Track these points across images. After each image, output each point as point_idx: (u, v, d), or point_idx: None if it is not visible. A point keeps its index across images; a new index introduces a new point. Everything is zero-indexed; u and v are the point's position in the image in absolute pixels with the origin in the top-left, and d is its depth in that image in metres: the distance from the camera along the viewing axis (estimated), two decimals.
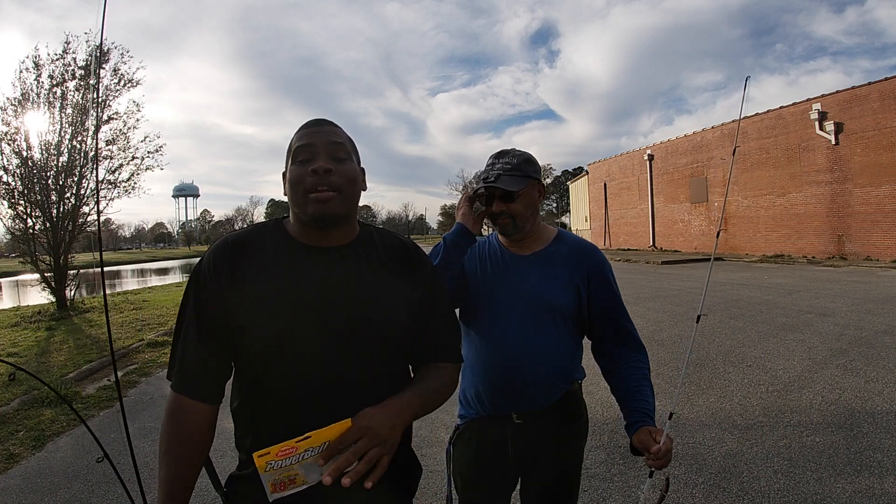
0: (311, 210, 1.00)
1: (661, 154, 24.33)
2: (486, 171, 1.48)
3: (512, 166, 1.45)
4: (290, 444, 0.89)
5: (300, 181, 1.00)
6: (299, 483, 0.91)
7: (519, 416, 1.45)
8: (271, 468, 0.89)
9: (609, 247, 28.52)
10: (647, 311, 8.19)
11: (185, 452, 0.99)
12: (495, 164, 1.47)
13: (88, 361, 6.31)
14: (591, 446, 3.32)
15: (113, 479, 3.28)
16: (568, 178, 63.69)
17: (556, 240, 1.54)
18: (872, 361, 4.97)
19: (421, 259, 1.17)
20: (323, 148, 1.02)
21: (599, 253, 1.54)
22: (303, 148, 1.02)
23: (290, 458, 0.89)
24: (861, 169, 15.30)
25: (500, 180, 1.43)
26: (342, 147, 1.04)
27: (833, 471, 2.93)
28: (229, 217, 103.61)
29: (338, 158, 1.03)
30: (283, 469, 0.89)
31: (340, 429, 0.91)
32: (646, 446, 1.29)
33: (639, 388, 1.42)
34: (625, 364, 1.48)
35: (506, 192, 1.44)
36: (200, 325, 1.00)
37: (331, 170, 1.00)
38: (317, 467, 0.91)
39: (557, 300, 1.45)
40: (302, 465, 0.90)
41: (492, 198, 1.46)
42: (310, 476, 0.91)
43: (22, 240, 10.95)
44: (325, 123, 1.07)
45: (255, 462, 0.88)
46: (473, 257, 1.56)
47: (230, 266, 1.01)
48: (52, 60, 10.73)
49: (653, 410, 1.39)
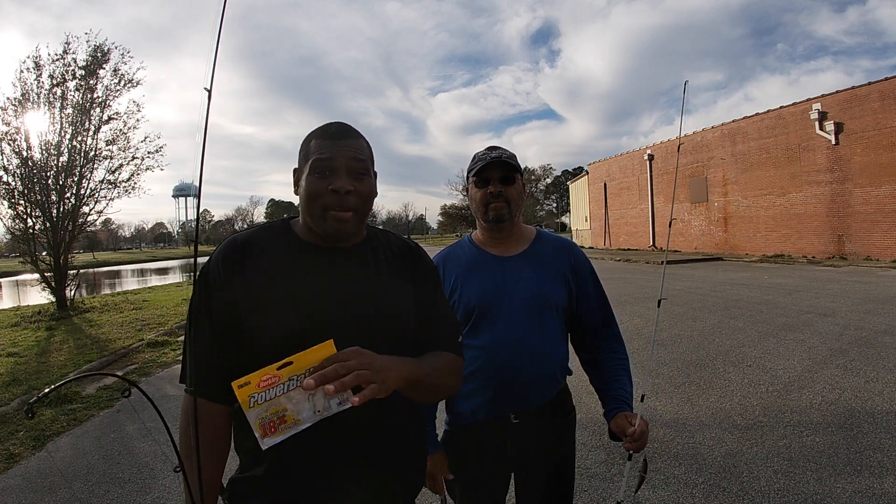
0: (327, 228, 1.01)
1: (661, 154, 24.34)
2: (482, 157, 1.49)
3: (507, 155, 1.49)
4: (270, 370, 0.82)
5: (319, 196, 1.00)
6: (290, 422, 0.83)
7: (517, 415, 1.46)
8: (255, 402, 0.82)
9: (609, 247, 28.52)
10: (647, 311, 8.19)
11: (208, 455, 0.98)
12: (490, 153, 1.49)
13: (88, 361, 6.32)
14: (591, 446, 3.33)
15: (113, 479, 3.29)
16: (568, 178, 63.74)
17: (537, 239, 1.57)
18: (872, 361, 4.97)
19: (422, 258, 1.18)
20: (344, 165, 1.01)
21: (578, 247, 1.61)
22: (324, 161, 1.00)
23: (274, 388, 0.82)
24: (861, 169, 15.30)
25: (505, 155, 1.47)
26: (363, 164, 1.03)
27: (833, 471, 2.93)
28: (229, 217, 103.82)
29: (358, 176, 1.02)
30: (269, 404, 0.82)
31: (325, 351, 0.84)
32: (622, 430, 1.35)
33: (617, 377, 1.48)
34: (606, 355, 1.53)
35: (506, 174, 1.47)
36: (212, 327, 1.00)
37: (351, 191, 1.00)
38: (307, 402, 0.83)
39: (554, 297, 1.48)
40: (289, 398, 0.83)
41: (488, 181, 1.48)
42: (301, 413, 0.83)
43: (22, 240, 10.96)
44: (348, 136, 1.04)
45: (237, 396, 0.81)
46: (460, 269, 1.53)
47: (239, 266, 1.01)
48: (52, 60, 10.75)
49: (630, 398, 1.44)
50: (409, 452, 1.12)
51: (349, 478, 1.01)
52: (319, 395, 0.83)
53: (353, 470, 1.01)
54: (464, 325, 1.49)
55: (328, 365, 0.83)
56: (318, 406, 0.84)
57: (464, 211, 63.23)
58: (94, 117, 11.23)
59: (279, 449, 1.00)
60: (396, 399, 1.11)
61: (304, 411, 0.83)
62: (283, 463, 1.00)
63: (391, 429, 1.08)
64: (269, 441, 0.83)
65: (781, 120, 17.83)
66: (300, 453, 0.99)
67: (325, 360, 0.84)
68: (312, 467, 1.00)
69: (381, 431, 1.05)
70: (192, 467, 0.96)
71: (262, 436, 0.83)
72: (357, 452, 1.02)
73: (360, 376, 0.84)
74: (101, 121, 11.30)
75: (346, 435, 1.00)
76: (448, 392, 1.13)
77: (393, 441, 1.08)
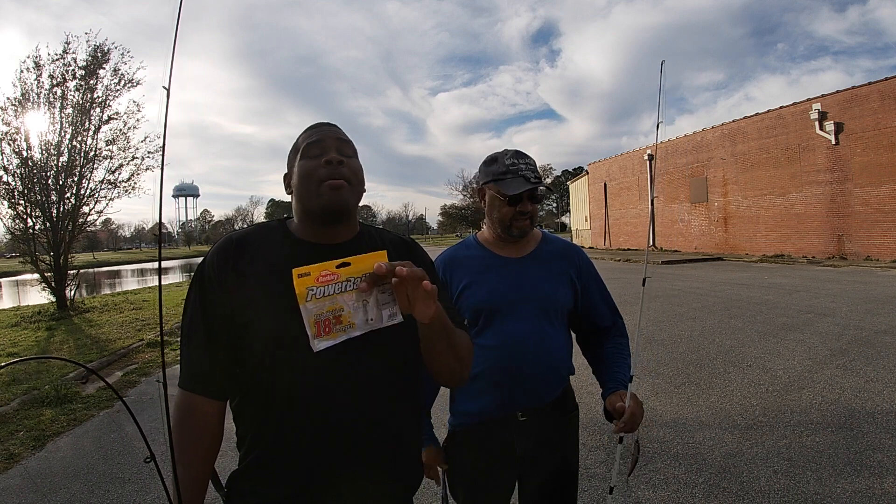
0: (324, 199, 1.02)
1: (661, 154, 24.33)
2: (512, 169, 1.47)
3: (535, 168, 1.50)
4: (329, 265, 0.80)
5: (313, 172, 1.04)
6: (345, 324, 0.81)
7: (523, 413, 1.47)
8: (313, 296, 0.79)
9: (609, 247, 28.51)
10: (647, 311, 8.19)
11: (197, 450, 0.99)
12: (518, 163, 1.48)
13: (89, 361, 6.32)
14: (592, 446, 3.33)
15: (113, 479, 3.29)
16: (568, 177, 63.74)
17: (543, 241, 1.60)
18: (872, 361, 4.97)
19: (417, 251, 1.18)
20: (333, 143, 1.07)
21: (582, 249, 1.65)
22: (313, 144, 1.07)
23: (332, 285, 0.80)
24: (861, 169, 15.29)
25: (538, 186, 1.47)
26: (349, 145, 1.10)
27: (833, 471, 2.93)
28: (229, 217, 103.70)
29: (346, 154, 1.08)
30: (328, 300, 0.79)
31: (379, 257, 0.83)
32: (613, 406, 1.37)
33: (617, 362, 1.50)
34: (609, 348, 1.56)
35: (538, 194, 1.49)
36: (206, 323, 1.01)
37: (343, 161, 1.05)
38: (362, 306, 0.81)
39: (560, 298, 1.51)
40: (345, 298, 0.80)
41: (520, 197, 1.46)
42: (356, 316, 0.81)
43: (22, 240, 10.96)
44: (332, 125, 1.13)
45: (295, 285, 0.78)
46: (469, 270, 1.53)
47: (233, 264, 1.02)
48: (52, 60, 10.74)
49: (627, 381, 1.45)
50: (407, 452, 1.13)
51: (348, 476, 1.01)
52: (372, 304, 0.82)
53: (352, 468, 1.02)
54: (472, 326, 1.50)
55: (382, 272, 0.82)
56: (371, 315, 0.83)
57: (464, 211, 63.12)
58: (94, 117, 11.22)
59: (278, 445, 1.00)
60: (397, 399, 1.11)
61: (358, 317, 0.82)
62: (281, 458, 1.00)
63: (391, 428, 1.08)
64: (322, 343, 0.81)
65: (781, 120, 17.83)
66: (299, 450, 0.99)
67: (377, 265, 0.83)
68: (312, 464, 1.00)
69: (381, 430, 1.05)
70: (181, 462, 0.97)
71: (316, 335, 0.80)
72: (356, 451, 1.02)
73: (413, 286, 0.84)
74: (101, 121, 11.29)
75: (346, 433, 1.00)
76: (460, 366, 1.09)
77: (392, 440, 1.08)
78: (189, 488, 0.97)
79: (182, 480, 0.96)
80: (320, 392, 0.99)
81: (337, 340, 0.82)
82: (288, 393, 0.99)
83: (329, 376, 0.99)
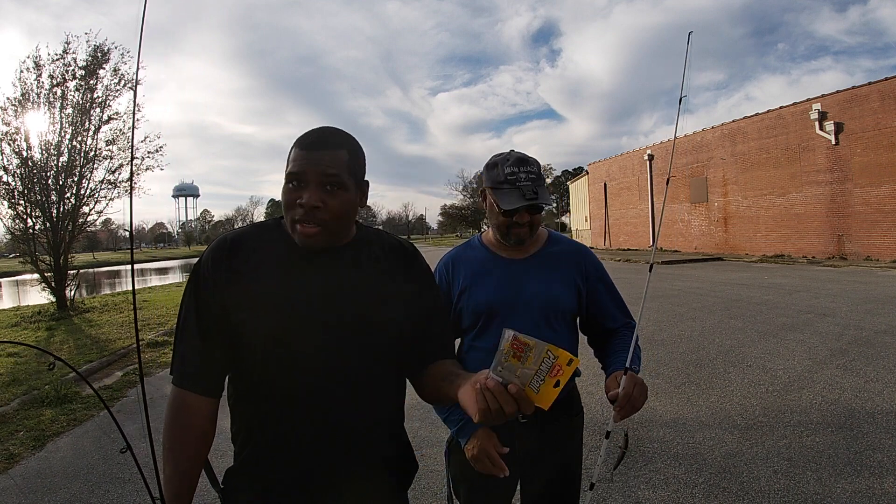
0: (298, 237, 1.00)
1: (661, 154, 24.32)
2: (510, 179, 1.41)
3: (537, 176, 1.41)
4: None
5: (289, 207, 0.99)
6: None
7: (524, 415, 1.45)
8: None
9: (609, 247, 28.50)
10: (647, 311, 8.17)
11: (188, 447, 0.99)
12: (518, 172, 1.40)
13: (88, 361, 6.32)
14: (592, 447, 3.32)
15: (113, 479, 3.29)
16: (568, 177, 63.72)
17: (549, 241, 1.56)
18: (872, 361, 4.97)
19: (416, 259, 1.17)
20: (314, 179, 0.97)
21: (589, 250, 1.61)
22: (294, 175, 0.98)
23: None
24: (861, 169, 15.29)
25: (540, 196, 1.39)
26: (335, 178, 0.98)
27: (833, 471, 2.93)
28: (229, 217, 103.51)
29: (330, 190, 0.98)
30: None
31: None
32: (609, 388, 1.31)
33: (618, 349, 1.45)
34: (617, 337, 1.52)
35: (538, 206, 1.41)
36: (200, 322, 1.01)
37: (318, 207, 0.97)
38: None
39: (563, 300, 1.49)
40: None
41: (516, 209, 1.40)
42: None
43: (22, 240, 10.95)
44: (326, 146, 0.99)
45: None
46: (470, 271, 1.52)
47: (228, 263, 1.02)
48: (52, 60, 10.73)
49: (626, 364, 1.40)
50: (405, 451, 1.14)
51: (348, 475, 1.02)
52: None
53: (353, 468, 1.02)
54: (473, 327, 1.50)
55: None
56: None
57: (464, 211, 63.14)
58: (94, 117, 11.21)
59: (277, 443, 1.01)
60: (395, 397, 1.11)
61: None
62: (278, 455, 1.00)
63: (391, 427, 1.09)
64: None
65: (781, 120, 17.82)
66: (299, 449, 1.00)
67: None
68: (312, 465, 1.00)
69: (380, 430, 1.06)
70: (170, 459, 0.97)
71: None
72: (357, 451, 1.02)
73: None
74: (101, 121, 11.28)
75: (347, 433, 1.01)
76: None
77: (391, 439, 1.09)
78: (177, 482, 0.97)
79: (171, 475, 0.97)
80: (320, 391, 0.99)
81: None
82: (287, 391, 0.99)
83: (328, 376, 1.00)
